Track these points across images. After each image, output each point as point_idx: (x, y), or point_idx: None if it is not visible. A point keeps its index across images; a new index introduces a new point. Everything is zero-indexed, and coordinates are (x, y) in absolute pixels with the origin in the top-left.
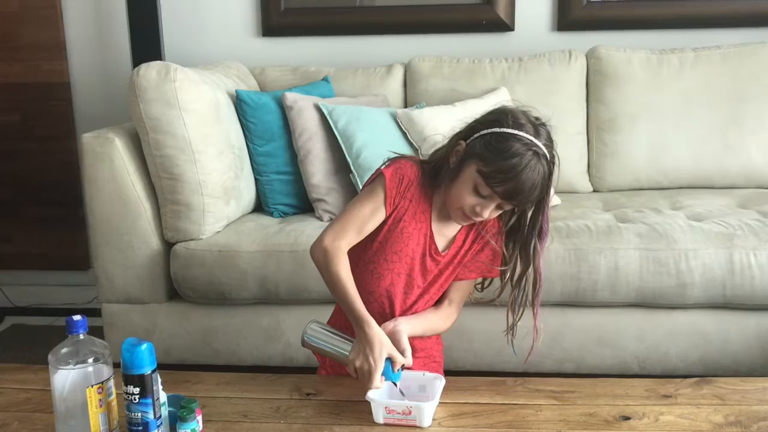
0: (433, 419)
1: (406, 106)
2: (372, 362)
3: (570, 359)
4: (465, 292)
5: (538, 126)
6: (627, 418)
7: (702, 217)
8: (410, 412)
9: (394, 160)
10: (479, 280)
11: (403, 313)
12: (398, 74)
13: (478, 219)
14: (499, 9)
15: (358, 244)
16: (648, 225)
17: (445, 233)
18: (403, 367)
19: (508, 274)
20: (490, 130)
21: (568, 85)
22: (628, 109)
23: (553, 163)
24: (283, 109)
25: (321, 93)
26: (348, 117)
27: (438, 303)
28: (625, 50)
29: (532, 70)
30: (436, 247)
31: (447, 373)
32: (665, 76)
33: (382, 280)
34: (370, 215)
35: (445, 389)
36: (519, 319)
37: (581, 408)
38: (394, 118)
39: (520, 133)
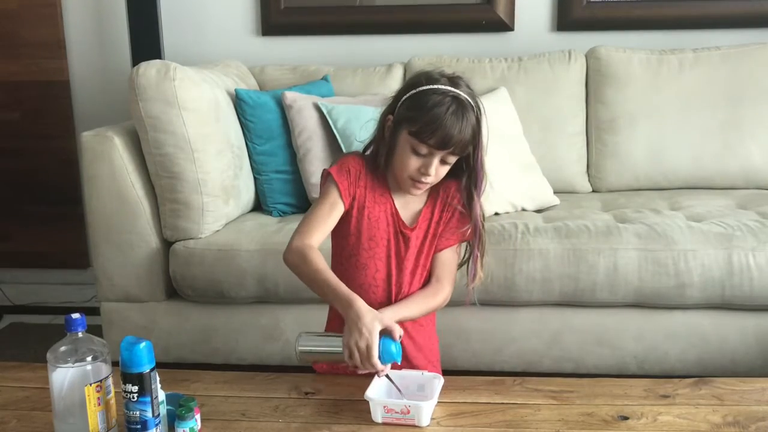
0: (432, 418)
1: None
2: (367, 334)
3: (569, 359)
4: (450, 266)
5: (454, 78)
6: (625, 418)
7: (701, 217)
8: (409, 411)
9: (337, 159)
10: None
11: (396, 297)
12: (398, 74)
13: (429, 179)
14: (498, 9)
15: (335, 244)
16: (647, 225)
17: (410, 207)
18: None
19: (468, 230)
20: (408, 93)
21: (567, 85)
22: (627, 109)
23: (479, 110)
24: (283, 108)
25: (320, 92)
26: (347, 116)
27: (426, 283)
28: (625, 50)
29: (531, 70)
30: (404, 222)
31: (445, 372)
32: (665, 76)
33: (367, 269)
34: (329, 212)
35: (444, 388)
36: (471, 263)
37: (580, 408)
38: None
39: (436, 86)
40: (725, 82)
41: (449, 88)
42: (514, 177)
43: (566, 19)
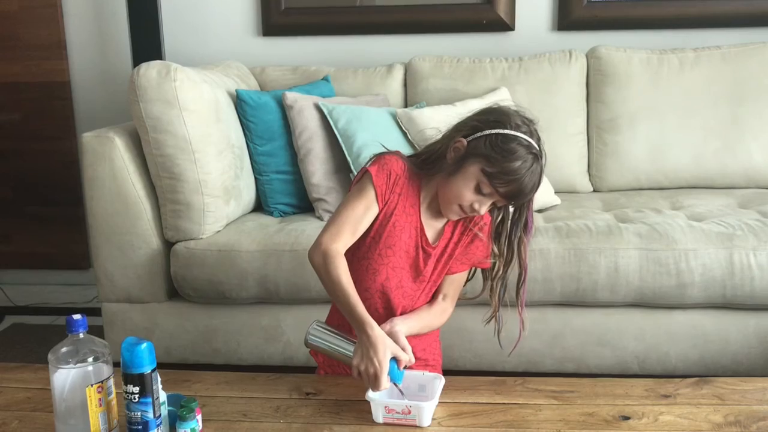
0: (433, 419)
1: (406, 105)
2: (377, 365)
3: (570, 359)
4: (458, 285)
5: (531, 126)
6: (626, 418)
7: (702, 217)
8: (410, 412)
9: (379, 157)
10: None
11: (402, 309)
12: (398, 74)
13: (472, 215)
14: (499, 9)
15: None
16: (648, 225)
17: (434, 225)
18: (406, 367)
19: (495, 268)
20: (494, 131)
21: (568, 85)
22: (628, 109)
23: (545, 162)
24: (284, 109)
25: (321, 92)
26: (348, 116)
27: (432, 298)
28: (626, 50)
29: (532, 69)
30: (427, 239)
31: (447, 372)
32: (665, 76)
33: (377, 275)
34: (363, 214)
35: (445, 389)
36: (499, 310)
37: (581, 408)
38: (395, 117)
39: (522, 135)
40: (726, 81)
41: (531, 140)
42: None
43: (567, 18)
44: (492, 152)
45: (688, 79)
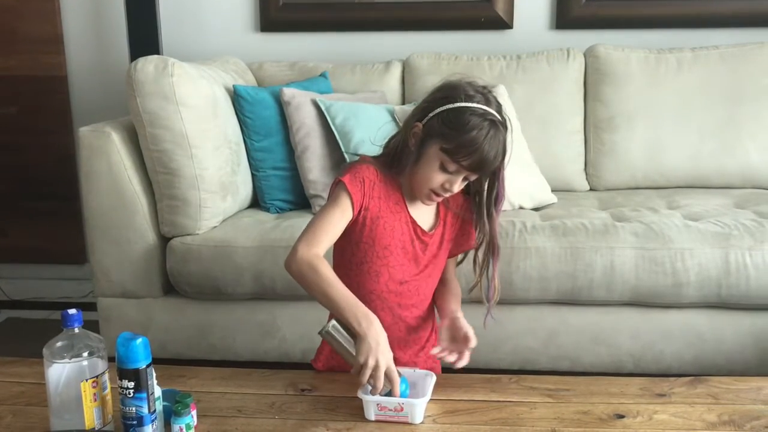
0: (428, 416)
1: (404, 102)
2: (388, 355)
3: (565, 357)
4: (454, 262)
5: (486, 94)
6: (621, 417)
7: (698, 216)
8: (402, 409)
9: (350, 166)
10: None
11: (411, 301)
12: (396, 71)
13: (447, 195)
14: (497, 6)
15: (344, 251)
16: (644, 224)
17: (423, 213)
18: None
19: (476, 243)
20: (444, 108)
21: (566, 83)
22: (625, 108)
23: (506, 127)
24: (281, 105)
25: (319, 89)
26: (346, 113)
27: (441, 282)
28: (624, 49)
29: (530, 68)
30: (422, 229)
31: (442, 370)
32: (663, 75)
33: (380, 276)
34: (338, 219)
35: (440, 386)
36: (480, 281)
37: (576, 406)
38: (392, 114)
39: (474, 105)
40: (723, 81)
41: (486, 108)
42: (512, 175)
43: (565, 17)
44: (446, 129)
45: (685, 79)
